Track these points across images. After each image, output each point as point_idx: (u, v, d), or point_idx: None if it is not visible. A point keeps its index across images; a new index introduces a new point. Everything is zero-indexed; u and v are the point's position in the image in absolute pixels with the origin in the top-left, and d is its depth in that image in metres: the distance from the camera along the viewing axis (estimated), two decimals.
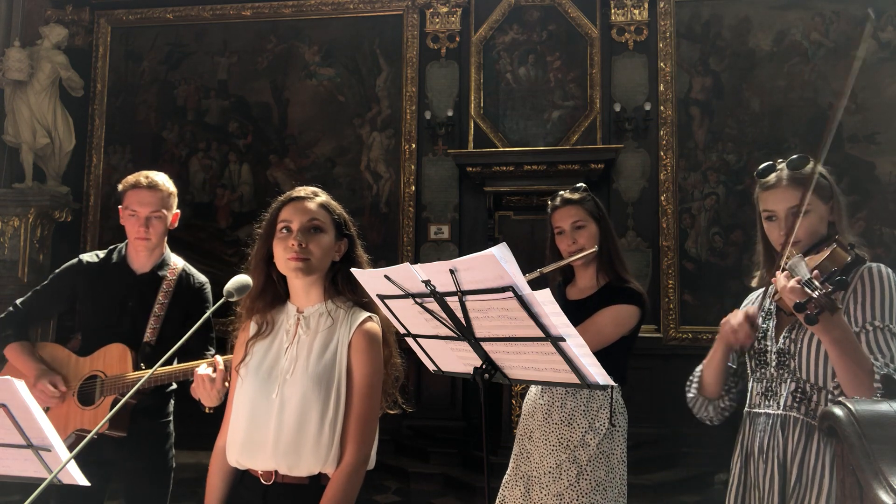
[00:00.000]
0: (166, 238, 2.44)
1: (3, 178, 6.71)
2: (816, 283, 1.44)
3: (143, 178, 2.36)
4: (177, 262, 2.46)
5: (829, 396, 1.60)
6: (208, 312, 1.68)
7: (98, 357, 2.29)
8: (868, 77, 6.27)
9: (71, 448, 2.17)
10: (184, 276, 2.44)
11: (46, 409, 2.27)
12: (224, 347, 2.01)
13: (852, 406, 1.30)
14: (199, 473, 2.62)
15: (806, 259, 1.55)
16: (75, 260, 2.45)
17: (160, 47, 7.42)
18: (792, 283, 1.50)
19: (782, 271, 1.58)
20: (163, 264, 2.42)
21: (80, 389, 2.28)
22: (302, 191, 1.71)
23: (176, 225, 2.46)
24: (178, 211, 2.47)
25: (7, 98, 6.57)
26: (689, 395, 1.90)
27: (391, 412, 1.72)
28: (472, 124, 6.80)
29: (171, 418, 2.48)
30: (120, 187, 2.40)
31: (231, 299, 1.61)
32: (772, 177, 1.75)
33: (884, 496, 1.15)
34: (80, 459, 2.20)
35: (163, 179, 2.39)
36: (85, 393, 2.28)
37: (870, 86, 6.25)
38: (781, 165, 1.75)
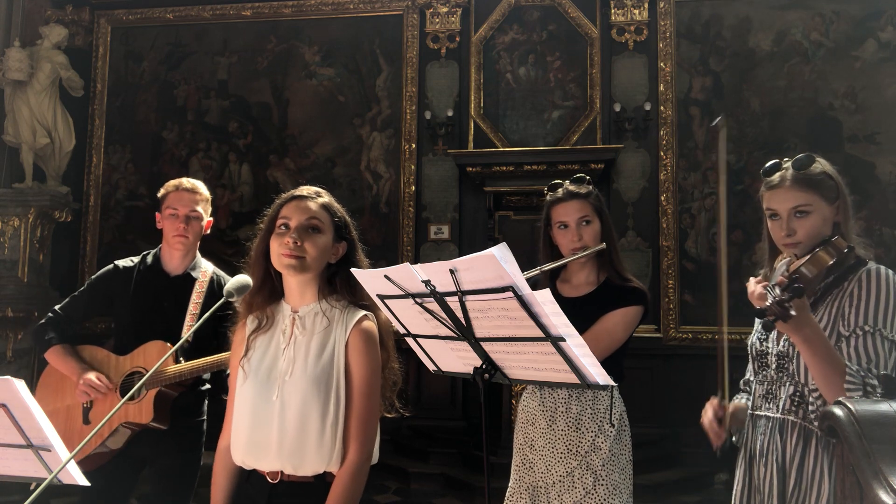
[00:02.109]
0: (199, 244, 2.56)
1: (3, 178, 6.70)
2: (778, 290, 1.45)
3: (185, 181, 2.53)
4: (207, 267, 2.57)
5: (823, 401, 1.57)
6: (210, 311, 1.69)
7: (138, 354, 2.39)
8: (868, 77, 6.27)
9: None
10: (215, 279, 2.55)
11: (90, 404, 2.35)
12: None
13: (852, 406, 1.30)
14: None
15: (793, 263, 1.55)
16: (111, 266, 2.56)
17: (160, 47, 7.42)
18: (758, 288, 1.57)
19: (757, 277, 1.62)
20: (195, 267, 2.54)
21: (123, 385, 2.37)
22: (305, 190, 1.72)
23: (208, 232, 2.57)
24: (212, 219, 2.59)
25: (7, 98, 6.56)
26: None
27: (389, 415, 1.72)
28: (472, 124, 6.80)
29: (205, 417, 2.55)
30: (161, 192, 2.54)
31: (231, 299, 1.62)
32: (776, 176, 1.71)
33: (884, 496, 1.15)
34: (116, 455, 2.29)
35: (202, 186, 2.56)
36: (127, 388, 2.36)
37: (870, 86, 6.26)
38: (787, 164, 1.72)
